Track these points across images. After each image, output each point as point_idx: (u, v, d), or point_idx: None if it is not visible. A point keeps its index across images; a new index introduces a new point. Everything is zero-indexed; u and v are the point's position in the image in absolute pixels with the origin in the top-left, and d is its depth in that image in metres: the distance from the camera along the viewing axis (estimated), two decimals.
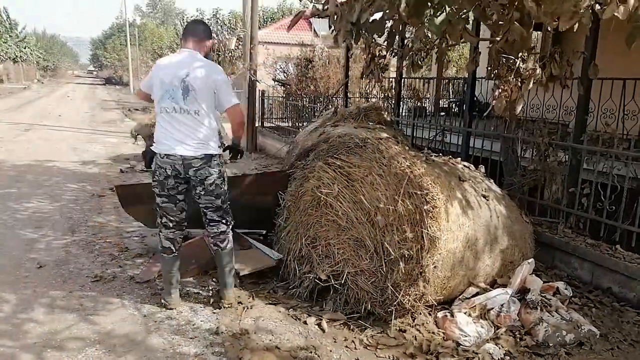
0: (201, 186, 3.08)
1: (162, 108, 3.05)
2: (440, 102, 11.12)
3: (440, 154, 4.49)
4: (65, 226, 4.91)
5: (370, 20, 3.52)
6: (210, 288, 3.56)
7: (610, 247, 3.86)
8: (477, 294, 3.31)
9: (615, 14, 2.56)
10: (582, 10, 2.70)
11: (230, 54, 16.58)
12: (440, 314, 3.16)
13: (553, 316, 3.14)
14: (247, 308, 3.29)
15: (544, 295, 3.34)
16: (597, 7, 2.74)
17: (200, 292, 3.53)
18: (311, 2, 4.21)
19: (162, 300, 3.27)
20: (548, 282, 3.59)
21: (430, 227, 3.03)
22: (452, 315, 3.10)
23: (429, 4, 3.46)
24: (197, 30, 3.21)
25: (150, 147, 3.24)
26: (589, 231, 4.20)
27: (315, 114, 9.24)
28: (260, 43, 14.28)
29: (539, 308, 3.15)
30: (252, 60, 10.36)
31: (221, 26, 18.94)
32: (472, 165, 4.02)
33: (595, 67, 4.39)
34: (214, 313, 3.23)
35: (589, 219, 4.18)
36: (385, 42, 4.27)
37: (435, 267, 3.06)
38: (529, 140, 4.64)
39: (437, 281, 3.13)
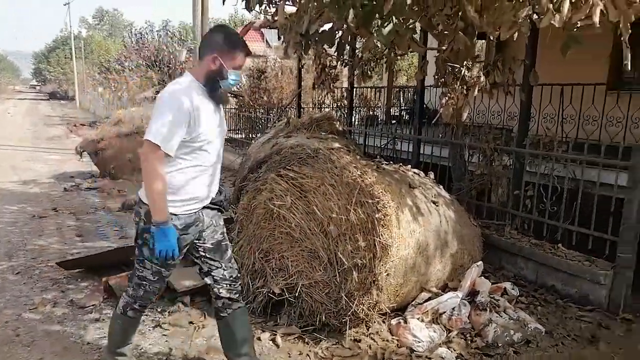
0: None
1: None
2: (392, 110, 11.33)
3: (391, 162, 4.56)
4: (2, 251, 4.62)
5: (319, 31, 3.55)
6: (157, 307, 3.43)
7: (553, 247, 4.02)
8: (429, 298, 3.36)
9: (552, 22, 2.69)
10: (520, 20, 2.82)
11: (181, 65, 16.33)
12: (394, 321, 3.18)
13: (501, 316, 3.23)
14: (199, 328, 3.20)
15: (492, 296, 3.43)
16: (535, 16, 2.87)
17: (147, 312, 3.40)
18: (260, 13, 4.20)
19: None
20: (496, 283, 3.70)
21: (382, 235, 3.06)
22: (406, 322, 3.12)
23: (377, 15, 3.54)
24: (200, 45, 2.46)
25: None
26: (534, 232, 4.36)
27: (269, 125, 9.20)
28: None
29: (488, 309, 3.24)
30: None
31: (171, 38, 18.62)
32: (422, 172, 4.10)
33: (535, 74, 4.58)
34: (163, 335, 3.12)
35: (533, 220, 4.35)
36: (336, 53, 4.32)
37: (387, 274, 3.08)
38: (475, 146, 4.79)
39: (390, 288, 3.15)
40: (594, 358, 3.00)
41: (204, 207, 2.42)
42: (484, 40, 10.29)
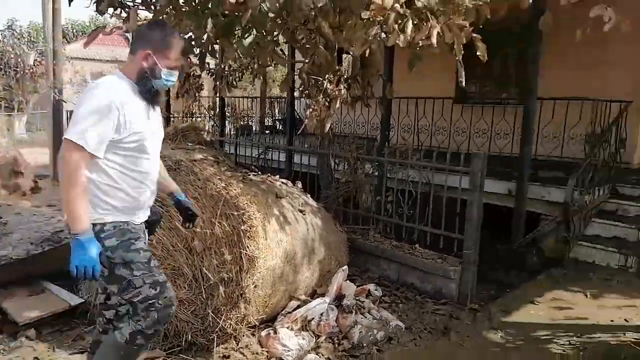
0: None
1: None
2: (266, 120, 11.41)
3: (259, 172, 4.58)
4: None
5: None
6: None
7: (411, 247, 4.35)
8: (298, 306, 3.41)
9: (397, 42, 2.92)
10: (371, 38, 3.01)
11: (31, 69, 14.67)
12: (263, 333, 3.17)
13: (366, 317, 3.39)
14: None
15: (358, 298, 3.60)
16: (383, 35, 3.09)
17: None
18: (111, 17, 3.94)
19: None
20: (361, 285, 3.88)
21: (248, 247, 3.03)
22: (275, 332, 3.12)
23: (237, 26, 3.52)
24: (133, 39, 2.30)
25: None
26: (395, 234, 4.68)
27: None
28: (67, 59, 12.95)
29: (353, 312, 3.38)
30: (56, 77, 9.28)
31: (18, 39, 16.64)
32: (289, 182, 4.17)
33: (390, 89, 4.95)
34: None
35: (394, 224, 4.67)
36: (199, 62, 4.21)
37: (255, 286, 3.06)
38: (341, 155, 5.01)
39: (259, 300, 3.13)
40: (446, 348, 3.29)
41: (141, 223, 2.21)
42: (350, 55, 10.90)
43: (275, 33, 3.77)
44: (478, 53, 2.97)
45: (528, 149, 4.96)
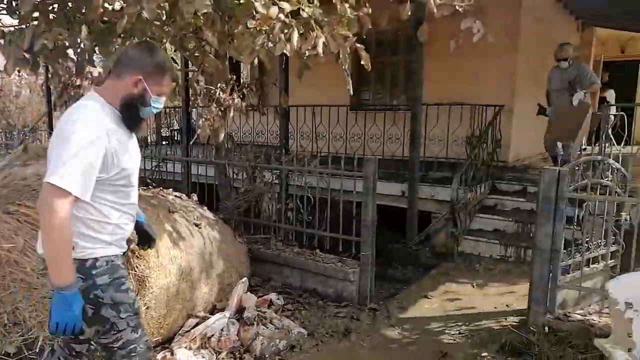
0: None
1: None
2: (163, 131, 10.94)
3: (155, 186, 4.36)
4: None
5: (50, 47, 3.15)
6: None
7: (312, 252, 4.39)
8: (197, 324, 3.28)
9: (285, 51, 2.94)
10: (258, 47, 3.00)
11: None
12: (159, 356, 3.00)
13: (268, 328, 3.36)
14: None
15: (260, 309, 3.55)
16: (270, 44, 3.09)
17: None
18: None
19: None
20: (264, 295, 3.84)
21: (137, 267, 2.86)
22: (172, 354, 2.98)
23: (116, 34, 3.33)
24: (118, 60, 1.97)
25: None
26: (296, 241, 4.70)
27: (10, 151, 7.85)
28: None
29: (255, 323, 3.33)
30: None
31: None
32: (183, 195, 4.02)
33: (285, 97, 4.99)
34: None
35: (295, 230, 4.70)
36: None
37: (147, 308, 2.90)
38: (238, 164, 4.93)
39: (152, 322, 2.97)
40: (347, 350, 3.36)
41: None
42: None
43: (164, 41, 3.63)
44: (362, 62, 3.08)
45: (417, 152, 5.27)
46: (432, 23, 3.65)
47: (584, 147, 6.86)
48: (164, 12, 3.23)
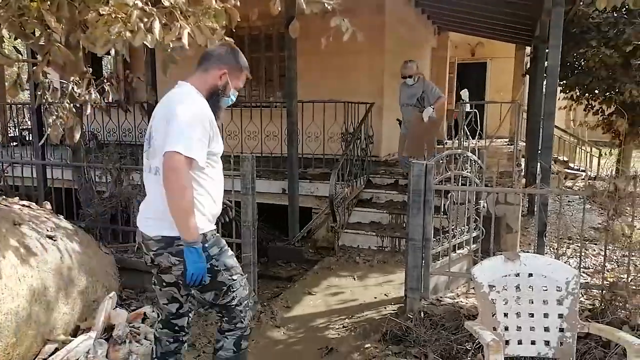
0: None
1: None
2: (11, 130, 9.59)
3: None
4: None
5: None
6: None
7: None
8: (56, 349, 2.88)
9: (145, 42, 2.68)
10: (113, 37, 2.69)
11: None
12: None
13: (142, 344, 3.07)
14: None
15: (132, 325, 3.24)
16: (129, 35, 2.79)
17: None
18: None
19: None
20: (137, 309, 3.52)
21: None
22: None
23: None
24: (206, 57, 2.24)
25: None
26: None
27: None
28: None
29: (127, 341, 3.02)
30: None
31: None
32: (33, 204, 3.51)
33: (152, 92, 4.64)
34: None
35: None
36: None
37: None
38: (100, 166, 4.47)
39: None
40: None
41: None
42: (110, 56, 9.98)
43: None
44: None
45: (294, 149, 5.26)
46: (304, 21, 3.62)
47: (445, 141, 7.47)
48: None
